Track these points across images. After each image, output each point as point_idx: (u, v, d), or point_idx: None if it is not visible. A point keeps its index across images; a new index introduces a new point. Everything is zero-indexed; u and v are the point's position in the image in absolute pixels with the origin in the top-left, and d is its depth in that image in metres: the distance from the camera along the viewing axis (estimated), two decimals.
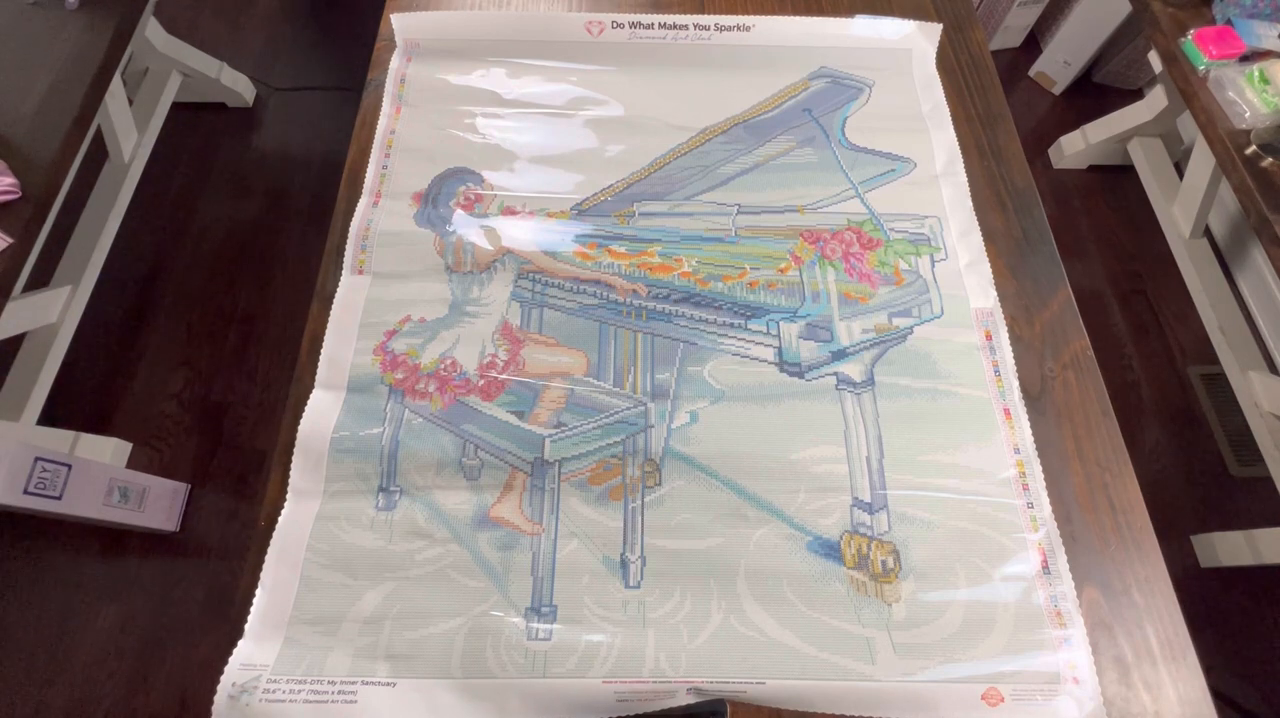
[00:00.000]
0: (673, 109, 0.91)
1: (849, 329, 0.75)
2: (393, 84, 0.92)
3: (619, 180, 0.85)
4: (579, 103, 0.91)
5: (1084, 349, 0.76)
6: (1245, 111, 1.14)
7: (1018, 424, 0.71)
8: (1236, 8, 1.22)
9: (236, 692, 0.56)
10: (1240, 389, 1.45)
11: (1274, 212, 1.06)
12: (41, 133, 1.07)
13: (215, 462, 1.46)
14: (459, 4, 1.01)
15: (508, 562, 0.64)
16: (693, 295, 0.77)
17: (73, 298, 1.45)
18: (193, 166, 1.84)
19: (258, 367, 1.57)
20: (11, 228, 0.98)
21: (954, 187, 0.86)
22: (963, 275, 0.80)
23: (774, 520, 0.66)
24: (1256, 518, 1.35)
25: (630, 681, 0.58)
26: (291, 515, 0.65)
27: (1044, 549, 0.65)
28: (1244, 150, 1.12)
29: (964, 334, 0.76)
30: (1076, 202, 1.85)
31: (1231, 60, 1.19)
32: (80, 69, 1.13)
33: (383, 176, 0.85)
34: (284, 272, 1.69)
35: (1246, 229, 1.64)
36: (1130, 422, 1.54)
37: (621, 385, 0.72)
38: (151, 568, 1.35)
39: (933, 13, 1.00)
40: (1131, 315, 1.69)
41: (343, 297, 0.77)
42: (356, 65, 0.99)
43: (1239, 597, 1.36)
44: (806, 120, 0.90)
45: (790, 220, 0.83)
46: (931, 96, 0.93)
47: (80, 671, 1.26)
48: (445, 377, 0.72)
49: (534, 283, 0.78)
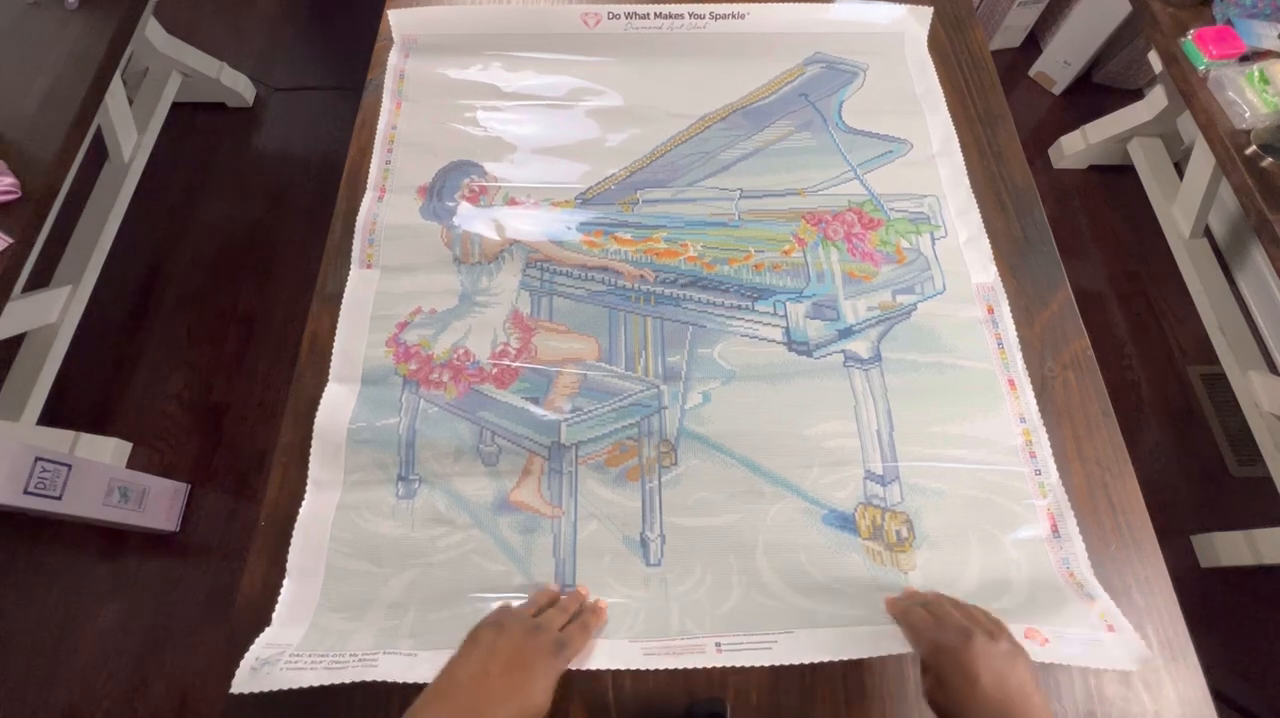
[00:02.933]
0: (672, 97, 0.92)
1: (854, 307, 0.77)
2: (392, 80, 0.93)
3: (621, 169, 0.86)
4: (578, 94, 0.92)
5: (1084, 349, 0.76)
6: (1245, 111, 1.14)
7: (1022, 394, 0.72)
8: (1236, 8, 1.22)
9: (259, 664, 0.56)
10: (1240, 389, 1.45)
11: (1274, 211, 1.06)
12: (41, 133, 1.07)
13: (215, 462, 1.46)
14: None
15: (529, 545, 0.65)
16: (700, 279, 0.78)
17: (73, 298, 1.45)
18: (193, 167, 1.84)
19: (258, 367, 1.57)
20: (11, 228, 0.98)
21: (950, 166, 0.87)
22: (962, 251, 0.81)
23: (789, 496, 0.67)
24: (1256, 518, 1.35)
25: (658, 639, 0.59)
26: (312, 507, 0.66)
27: (1052, 514, 0.66)
28: (1244, 150, 1.12)
29: (966, 309, 0.77)
30: (1076, 201, 1.85)
31: (1231, 60, 1.19)
32: (80, 69, 1.13)
33: (386, 172, 0.86)
34: (284, 272, 1.69)
35: (1246, 229, 1.64)
36: (1130, 422, 1.54)
37: (634, 369, 0.73)
38: (151, 568, 1.35)
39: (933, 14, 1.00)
40: (1131, 315, 1.69)
41: (352, 291, 0.77)
42: (356, 65, 0.99)
43: (1239, 597, 1.36)
44: (804, 105, 0.92)
45: (792, 203, 0.84)
46: (925, 79, 0.94)
47: (80, 671, 1.26)
48: (459, 366, 0.73)
49: (542, 271, 0.79)
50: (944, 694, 0.49)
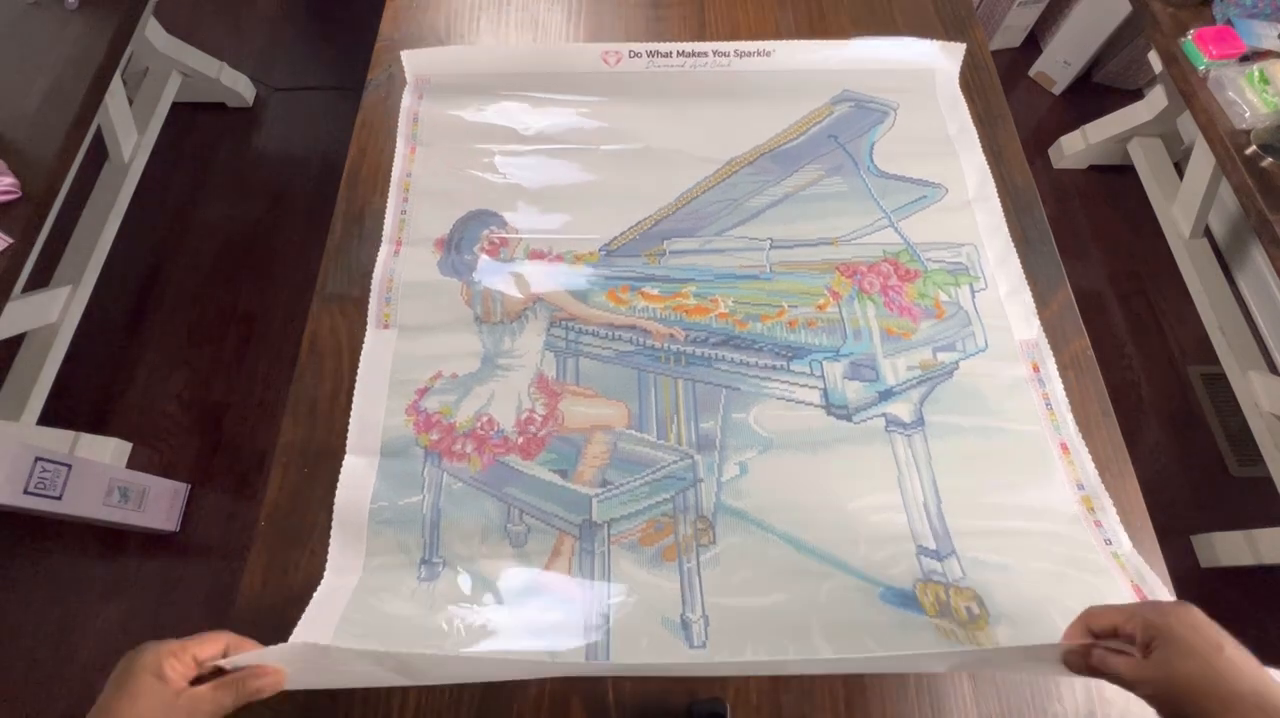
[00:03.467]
0: (696, 140, 0.88)
1: (894, 367, 0.73)
2: (406, 124, 0.89)
3: (646, 217, 0.83)
4: (600, 136, 0.89)
5: (1084, 349, 0.76)
6: (1245, 111, 1.14)
7: (1077, 459, 0.68)
8: (1236, 8, 1.22)
9: None
10: (1240, 389, 1.45)
11: (1274, 212, 1.06)
12: (41, 133, 1.07)
13: (215, 462, 1.46)
14: (457, 4, 1.01)
15: (559, 626, 0.60)
16: (732, 338, 0.75)
17: (73, 298, 1.45)
18: (193, 167, 1.84)
19: (258, 367, 1.57)
20: (11, 228, 0.98)
21: (987, 211, 0.83)
22: (1004, 304, 0.77)
23: (839, 573, 0.63)
24: (1256, 518, 1.35)
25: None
26: (328, 590, 0.61)
27: (1138, 587, 0.62)
28: (1244, 150, 1.12)
29: (1010, 367, 0.74)
30: (1076, 201, 1.85)
31: (1231, 60, 1.19)
32: (80, 69, 1.13)
33: (402, 222, 0.82)
34: (284, 272, 1.69)
35: (1246, 229, 1.64)
36: (1130, 422, 1.54)
37: (666, 437, 0.70)
38: (151, 568, 1.35)
39: (933, 13, 1.00)
40: (1131, 315, 1.69)
41: (369, 354, 0.73)
42: (356, 65, 0.98)
43: (1239, 597, 1.36)
44: (834, 148, 0.88)
45: (825, 254, 0.80)
46: (958, 118, 0.90)
47: (80, 671, 1.26)
48: (483, 435, 0.69)
49: (567, 331, 0.76)
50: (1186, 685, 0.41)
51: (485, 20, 0.99)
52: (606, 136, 0.89)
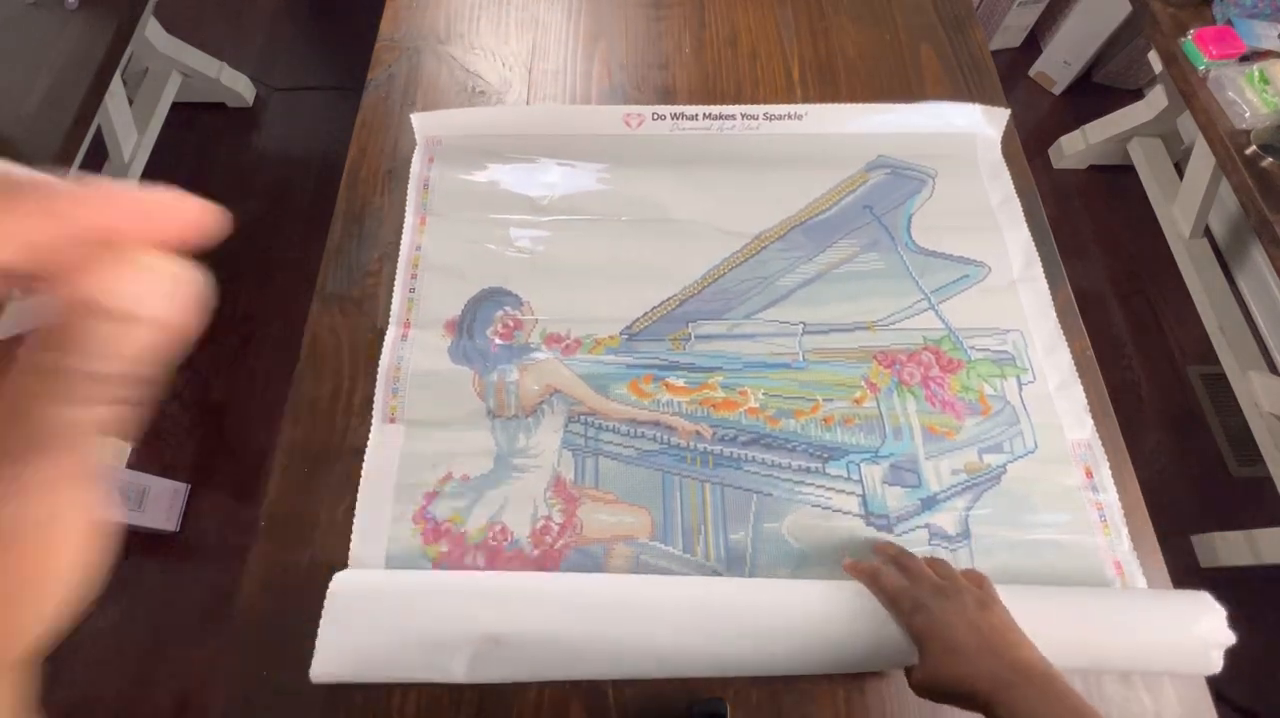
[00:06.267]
0: (724, 212, 0.82)
1: (937, 470, 0.67)
2: (415, 191, 0.82)
3: (670, 297, 0.77)
4: (621, 206, 0.83)
5: (1084, 349, 0.75)
6: (1245, 111, 1.14)
7: (1131, 583, 0.64)
8: (1236, 8, 1.22)
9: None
10: (1240, 389, 1.45)
11: (1274, 212, 1.06)
12: (41, 133, 1.07)
13: (215, 462, 1.46)
14: (457, 4, 1.01)
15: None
16: (763, 436, 0.69)
17: None
18: (193, 167, 1.84)
19: (258, 367, 1.57)
20: None
21: (1034, 293, 0.77)
22: (1053, 399, 0.71)
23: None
24: (1256, 518, 1.35)
25: None
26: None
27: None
28: (1244, 150, 1.12)
29: (1062, 472, 0.68)
30: (1076, 202, 1.85)
31: (1231, 60, 1.19)
32: (80, 69, 1.13)
33: (410, 302, 0.76)
34: (284, 272, 1.69)
35: (1246, 229, 1.64)
36: (1130, 422, 1.54)
37: (692, 550, 0.64)
38: (151, 568, 1.35)
39: (933, 13, 1.00)
40: (1131, 315, 1.69)
41: (374, 453, 0.67)
42: (356, 65, 0.98)
43: (1239, 597, 1.35)
44: (869, 220, 0.82)
45: (861, 340, 0.74)
46: (1001, 188, 0.84)
47: (80, 671, 1.26)
48: (495, 547, 0.64)
49: (586, 427, 0.69)
50: (924, 665, 0.50)
51: (485, 20, 0.99)
52: (628, 206, 0.82)
